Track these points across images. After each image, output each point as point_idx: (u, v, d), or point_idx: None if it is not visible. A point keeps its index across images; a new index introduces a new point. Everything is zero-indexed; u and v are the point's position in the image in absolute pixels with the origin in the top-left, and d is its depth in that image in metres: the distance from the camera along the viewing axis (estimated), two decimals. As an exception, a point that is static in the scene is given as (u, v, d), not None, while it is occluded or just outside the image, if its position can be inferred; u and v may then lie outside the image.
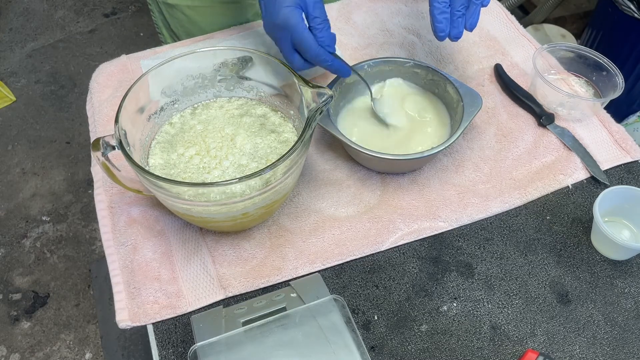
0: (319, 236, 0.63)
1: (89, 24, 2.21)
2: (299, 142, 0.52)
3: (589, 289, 0.60)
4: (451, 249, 0.63)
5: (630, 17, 1.41)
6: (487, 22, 0.86)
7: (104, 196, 0.67)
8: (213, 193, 0.53)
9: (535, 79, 0.75)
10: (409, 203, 0.66)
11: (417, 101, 0.71)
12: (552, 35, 1.79)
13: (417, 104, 0.71)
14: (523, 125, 0.73)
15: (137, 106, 0.60)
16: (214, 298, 0.59)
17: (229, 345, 0.51)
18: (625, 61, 1.47)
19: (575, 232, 0.64)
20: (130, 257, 0.62)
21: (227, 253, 0.62)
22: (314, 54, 0.61)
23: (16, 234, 1.59)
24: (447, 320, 0.58)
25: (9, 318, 1.44)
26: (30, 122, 1.87)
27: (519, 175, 0.69)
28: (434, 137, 0.68)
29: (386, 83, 0.73)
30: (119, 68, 0.80)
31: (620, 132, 0.72)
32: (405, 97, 0.72)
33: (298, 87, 0.58)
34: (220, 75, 0.65)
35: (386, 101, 0.71)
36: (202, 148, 0.62)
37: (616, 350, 0.56)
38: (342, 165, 0.69)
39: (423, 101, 0.71)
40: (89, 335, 1.40)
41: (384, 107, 0.70)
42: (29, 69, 2.04)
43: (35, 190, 1.69)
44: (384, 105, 0.70)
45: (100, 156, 0.56)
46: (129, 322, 0.58)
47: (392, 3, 0.89)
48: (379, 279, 0.61)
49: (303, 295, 0.55)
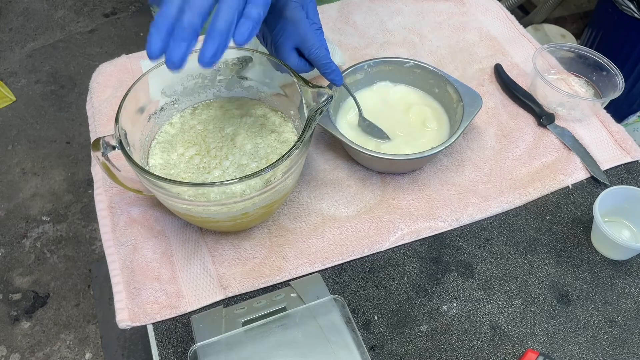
0: (319, 236, 0.63)
1: (89, 24, 2.21)
2: (299, 142, 0.52)
3: (589, 289, 0.60)
4: (451, 249, 0.63)
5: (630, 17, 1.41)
6: (487, 22, 0.86)
7: (104, 196, 0.67)
8: (213, 193, 0.53)
9: (535, 79, 0.75)
10: (409, 203, 0.66)
11: (421, 110, 0.71)
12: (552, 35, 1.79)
13: (421, 113, 0.71)
14: (523, 125, 0.73)
15: (137, 106, 0.60)
16: (214, 298, 0.59)
17: (229, 345, 0.51)
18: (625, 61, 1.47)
19: (575, 232, 0.64)
20: (130, 257, 0.62)
21: (227, 253, 0.62)
22: (317, 49, 0.60)
23: (16, 234, 1.59)
24: (447, 320, 0.58)
25: (9, 318, 1.44)
26: (30, 122, 1.87)
27: (519, 175, 0.69)
28: (434, 137, 0.68)
29: (390, 92, 0.72)
30: (119, 68, 0.80)
31: (620, 132, 0.72)
32: (409, 107, 0.71)
33: (298, 87, 0.58)
34: (220, 75, 0.65)
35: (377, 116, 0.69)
36: (202, 148, 0.62)
37: (616, 350, 0.56)
38: (342, 165, 0.69)
39: (426, 109, 0.71)
40: (89, 335, 1.40)
41: (373, 128, 0.69)
42: (29, 69, 2.04)
43: (35, 190, 1.69)
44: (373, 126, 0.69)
45: (100, 156, 0.56)
46: (129, 322, 0.58)
47: (392, 3, 0.89)
48: (379, 279, 0.61)
49: (303, 295, 0.55)
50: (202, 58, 0.48)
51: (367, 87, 0.73)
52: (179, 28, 0.47)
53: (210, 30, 0.48)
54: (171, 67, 0.48)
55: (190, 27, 0.47)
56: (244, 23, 0.49)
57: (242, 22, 0.49)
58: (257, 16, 0.49)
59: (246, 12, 0.49)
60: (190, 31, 0.47)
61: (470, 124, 0.70)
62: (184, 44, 0.47)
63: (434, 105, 0.71)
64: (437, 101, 0.72)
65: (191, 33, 0.47)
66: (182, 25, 0.47)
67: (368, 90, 0.73)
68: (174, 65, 0.47)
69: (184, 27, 0.47)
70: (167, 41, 0.47)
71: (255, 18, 0.49)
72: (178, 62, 0.47)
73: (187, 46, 0.47)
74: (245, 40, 0.49)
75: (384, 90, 0.73)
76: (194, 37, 0.47)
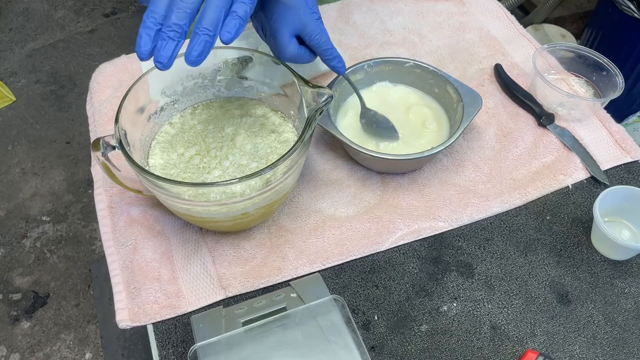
0: (319, 236, 0.63)
1: (89, 24, 2.21)
2: (299, 142, 0.52)
3: (589, 289, 0.60)
4: (451, 249, 0.63)
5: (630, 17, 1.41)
6: (487, 22, 0.86)
7: (104, 196, 0.67)
8: (213, 193, 0.53)
9: (535, 79, 0.75)
10: (409, 203, 0.66)
11: (421, 111, 0.71)
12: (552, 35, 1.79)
13: (421, 114, 0.71)
14: (523, 125, 0.73)
15: (137, 106, 0.60)
16: (214, 298, 0.59)
17: (229, 345, 0.51)
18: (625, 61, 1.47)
19: (575, 232, 0.64)
20: (130, 257, 0.62)
21: (227, 253, 0.62)
22: (318, 33, 0.59)
23: (16, 234, 1.59)
24: (447, 320, 0.58)
25: (9, 318, 1.44)
26: (30, 122, 1.87)
27: (519, 175, 0.69)
28: (434, 137, 0.68)
29: (390, 93, 0.72)
30: (119, 68, 0.80)
31: (620, 132, 0.72)
32: (409, 108, 0.71)
33: (298, 87, 0.58)
34: (220, 75, 0.65)
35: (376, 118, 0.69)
36: (202, 148, 0.62)
37: (616, 350, 0.56)
38: (342, 165, 0.69)
39: (426, 109, 0.71)
40: (89, 335, 1.40)
41: (373, 125, 0.69)
42: (29, 69, 2.04)
43: (35, 190, 1.69)
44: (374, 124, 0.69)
45: (100, 156, 0.56)
46: (129, 322, 0.58)
47: (392, 3, 0.89)
48: (379, 279, 0.61)
49: (303, 295, 0.55)
50: (189, 57, 0.48)
51: (367, 87, 0.73)
52: (166, 28, 0.47)
53: (196, 28, 0.48)
54: (160, 67, 0.48)
55: (177, 27, 0.47)
56: (230, 21, 0.49)
57: (229, 20, 0.49)
58: (244, 13, 0.49)
59: (233, 9, 0.49)
60: (177, 30, 0.47)
61: (470, 124, 0.70)
62: (172, 44, 0.47)
63: (434, 106, 0.71)
64: (437, 101, 0.72)
65: (179, 32, 0.47)
66: (170, 25, 0.47)
67: (368, 91, 0.73)
68: (162, 65, 0.47)
69: (172, 27, 0.47)
70: (156, 41, 0.47)
71: (242, 15, 0.49)
72: (166, 62, 0.47)
73: (175, 45, 0.47)
74: (232, 37, 0.49)
75: (384, 91, 0.73)
76: (182, 36, 0.47)
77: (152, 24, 0.47)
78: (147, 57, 0.48)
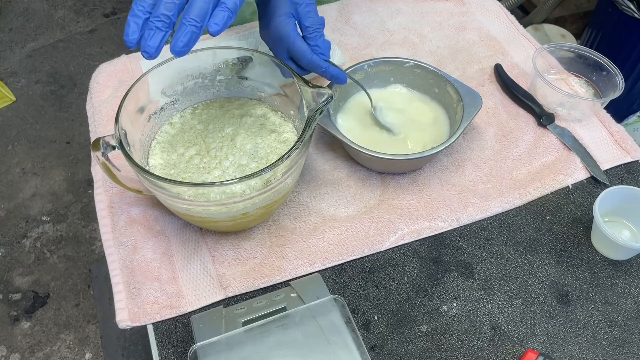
0: (319, 236, 0.63)
1: (89, 24, 2.21)
2: (299, 142, 0.52)
3: (589, 289, 0.60)
4: (451, 249, 0.63)
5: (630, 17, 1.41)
6: (487, 22, 0.87)
7: (104, 196, 0.67)
8: (213, 193, 0.53)
9: (535, 79, 0.75)
10: (409, 203, 0.66)
11: (420, 110, 0.71)
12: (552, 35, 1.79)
13: (421, 113, 0.71)
14: (523, 125, 0.73)
15: (137, 106, 0.60)
16: (214, 298, 0.59)
17: (229, 345, 0.51)
18: (625, 61, 1.47)
19: (575, 232, 0.64)
20: (130, 257, 0.62)
21: (227, 253, 0.62)
22: (307, 61, 0.60)
23: (16, 234, 1.59)
24: (447, 320, 0.58)
25: (9, 318, 1.44)
26: (30, 122, 1.87)
27: (519, 175, 0.69)
28: (434, 137, 0.68)
29: (387, 90, 0.73)
30: (119, 68, 0.80)
31: (620, 132, 0.72)
32: (408, 105, 0.71)
33: (298, 87, 0.58)
34: (220, 75, 0.65)
35: (387, 110, 0.71)
36: (202, 148, 0.62)
37: (616, 350, 0.56)
38: (342, 165, 0.69)
39: (425, 107, 0.71)
40: (89, 335, 1.40)
41: (385, 116, 0.70)
42: (29, 69, 2.04)
43: (35, 190, 1.69)
44: (385, 114, 0.70)
45: (100, 156, 0.56)
46: (129, 322, 0.58)
47: (392, 3, 0.89)
48: (379, 279, 0.61)
49: (303, 295, 0.55)
50: (174, 47, 0.48)
51: (367, 87, 0.73)
52: (154, 17, 0.47)
53: (184, 19, 0.48)
54: (146, 57, 0.48)
55: (165, 17, 0.47)
56: (218, 12, 0.48)
57: (217, 11, 0.48)
58: (233, 5, 0.49)
59: (222, 0, 0.48)
60: (165, 21, 0.47)
61: (470, 124, 0.70)
62: (159, 34, 0.47)
63: (434, 106, 0.71)
64: (437, 101, 0.72)
65: (166, 23, 0.47)
66: (158, 15, 0.47)
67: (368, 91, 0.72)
68: (148, 55, 0.48)
69: (159, 17, 0.47)
70: (144, 30, 0.47)
71: (231, 7, 0.49)
72: (153, 52, 0.48)
73: (162, 36, 0.47)
74: (220, 29, 0.48)
75: (384, 90, 0.73)
76: (170, 27, 0.47)
77: (141, 12, 0.47)
78: (135, 45, 0.48)
